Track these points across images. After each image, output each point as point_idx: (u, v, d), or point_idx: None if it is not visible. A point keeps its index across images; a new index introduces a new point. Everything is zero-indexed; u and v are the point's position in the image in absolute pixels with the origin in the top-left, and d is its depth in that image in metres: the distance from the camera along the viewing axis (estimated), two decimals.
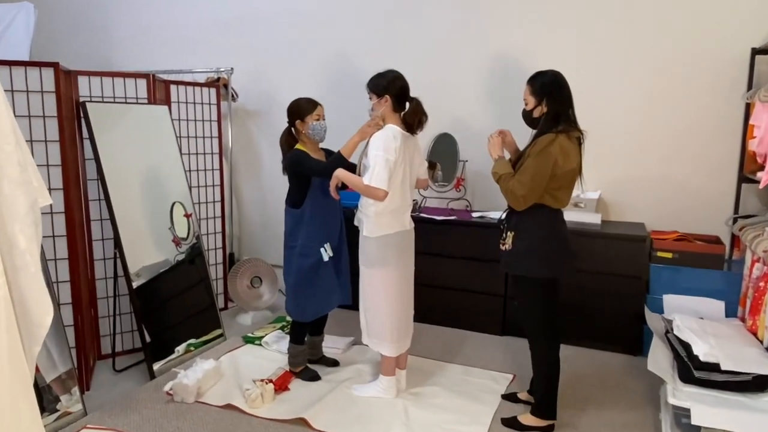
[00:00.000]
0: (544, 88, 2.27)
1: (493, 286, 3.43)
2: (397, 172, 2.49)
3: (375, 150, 2.43)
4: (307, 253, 2.68)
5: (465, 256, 3.47)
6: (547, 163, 2.21)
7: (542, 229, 2.31)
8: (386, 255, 2.55)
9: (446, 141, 3.75)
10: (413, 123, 2.53)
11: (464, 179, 3.69)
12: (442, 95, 3.82)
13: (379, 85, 2.53)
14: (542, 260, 2.30)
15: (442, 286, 3.56)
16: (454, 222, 3.48)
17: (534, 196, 2.25)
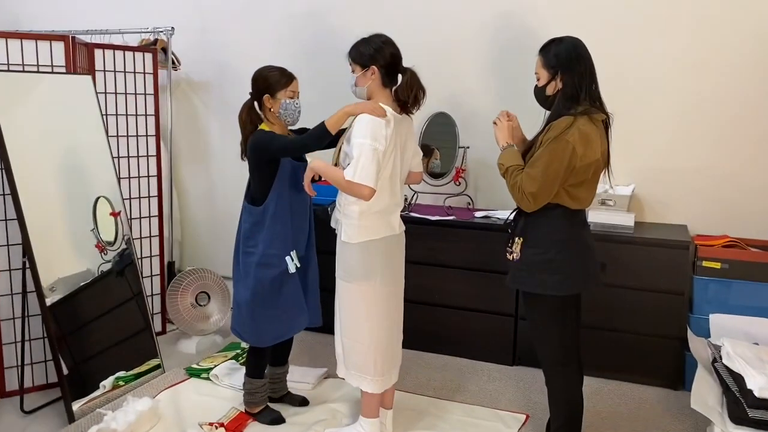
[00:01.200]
0: (559, 59, 2.25)
1: (502, 303, 3.45)
2: (386, 164, 2.50)
3: (361, 137, 2.42)
4: (268, 262, 2.68)
5: (466, 265, 3.49)
6: (563, 153, 2.18)
7: (557, 234, 2.30)
8: (370, 265, 2.56)
9: (442, 122, 3.77)
10: (407, 100, 2.54)
11: (465, 170, 3.71)
12: (437, 65, 3.83)
13: (363, 53, 2.53)
14: (557, 273, 2.29)
15: (438, 304, 3.58)
16: (452, 223, 3.49)
17: (546, 195, 2.24)
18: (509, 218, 2.48)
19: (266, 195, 2.67)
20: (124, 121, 3.74)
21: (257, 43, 4.24)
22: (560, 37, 2.30)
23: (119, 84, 3.71)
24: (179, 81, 4.43)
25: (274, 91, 2.68)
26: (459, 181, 3.70)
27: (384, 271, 2.59)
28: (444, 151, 3.76)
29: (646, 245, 3.16)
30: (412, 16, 3.87)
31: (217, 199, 4.49)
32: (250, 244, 2.70)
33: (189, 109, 4.49)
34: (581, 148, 2.19)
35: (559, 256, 2.29)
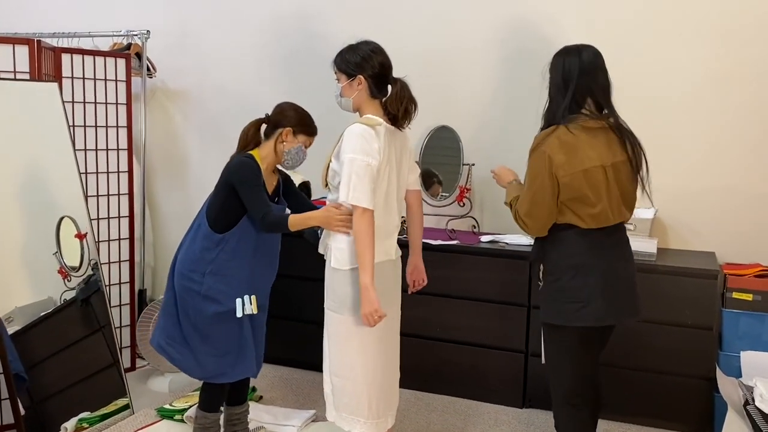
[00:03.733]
0: (551, 76, 2.37)
1: (511, 338, 3.45)
2: (379, 182, 2.51)
3: (350, 152, 2.43)
4: (214, 297, 2.68)
5: (471, 296, 3.49)
6: (541, 164, 2.25)
7: (570, 259, 2.32)
8: None
9: (445, 137, 3.80)
10: (397, 113, 2.57)
11: (469, 189, 3.73)
12: (439, 75, 3.87)
13: (349, 61, 2.56)
14: (572, 302, 2.31)
15: (439, 339, 3.56)
16: (455, 248, 3.50)
17: (541, 213, 2.30)
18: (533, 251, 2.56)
19: (230, 227, 2.69)
20: (93, 134, 3.75)
21: (240, 49, 4.28)
22: (567, 48, 2.39)
23: (89, 92, 3.73)
24: (155, 89, 4.45)
25: (299, 132, 2.78)
26: (463, 201, 3.71)
27: (378, 300, 2.56)
28: (447, 168, 3.78)
29: (669, 274, 3.17)
30: (411, 21, 3.91)
31: None
32: (195, 272, 2.68)
33: (165, 120, 4.51)
34: (561, 157, 2.24)
35: (573, 283, 2.31)
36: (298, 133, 2.78)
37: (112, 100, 3.81)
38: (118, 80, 3.83)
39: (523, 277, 3.35)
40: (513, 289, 3.38)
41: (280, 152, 2.77)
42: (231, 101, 4.33)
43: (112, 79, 3.81)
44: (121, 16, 4.45)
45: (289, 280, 3.28)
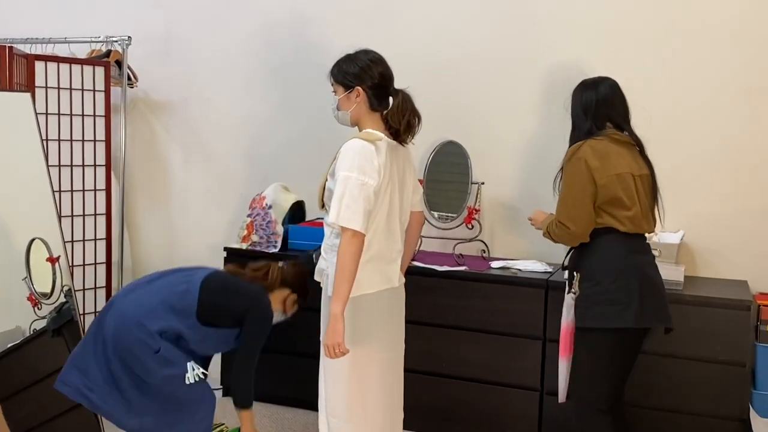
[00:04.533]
0: (570, 109, 2.79)
1: (525, 374, 3.43)
2: (380, 202, 2.53)
3: (346, 169, 2.46)
4: (171, 359, 2.72)
5: (481, 327, 3.48)
6: (578, 170, 2.62)
7: (610, 263, 2.64)
8: (362, 326, 2.57)
9: (452, 152, 3.80)
10: (398, 126, 2.60)
11: (478, 210, 3.73)
12: (445, 86, 3.89)
13: (347, 72, 2.59)
14: (615, 304, 2.59)
15: (446, 375, 3.55)
16: (463, 275, 3.50)
17: (582, 216, 2.64)
18: (565, 263, 2.83)
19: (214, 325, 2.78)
20: (68, 148, 3.76)
21: (229, 57, 4.29)
22: (585, 82, 2.80)
23: (64, 103, 3.74)
24: (136, 100, 4.45)
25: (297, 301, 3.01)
26: (471, 223, 3.71)
27: (380, 333, 2.61)
28: (454, 186, 3.79)
29: (698, 305, 3.15)
30: (415, 28, 3.93)
31: (179, 244, 4.48)
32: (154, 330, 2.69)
33: (147, 134, 4.51)
34: (595, 161, 2.62)
35: (614, 286, 2.61)
36: (296, 303, 3.01)
37: (89, 112, 3.82)
38: (96, 90, 3.84)
39: (538, 306, 3.35)
40: (527, 320, 3.37)
41: (284, 310, 2.99)
42: (218, 114, 4.34)
43: (90, 89, 3.82)
44: (100, 20, 4.44)
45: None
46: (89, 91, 3.82)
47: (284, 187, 3.94)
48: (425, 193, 3.70)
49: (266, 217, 3.79)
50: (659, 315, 2.69)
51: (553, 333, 3.17)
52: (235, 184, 4.33)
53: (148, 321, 2.69)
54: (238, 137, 4.32)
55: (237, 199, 4.27)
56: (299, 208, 3.94)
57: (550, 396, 3.36)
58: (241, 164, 4.33)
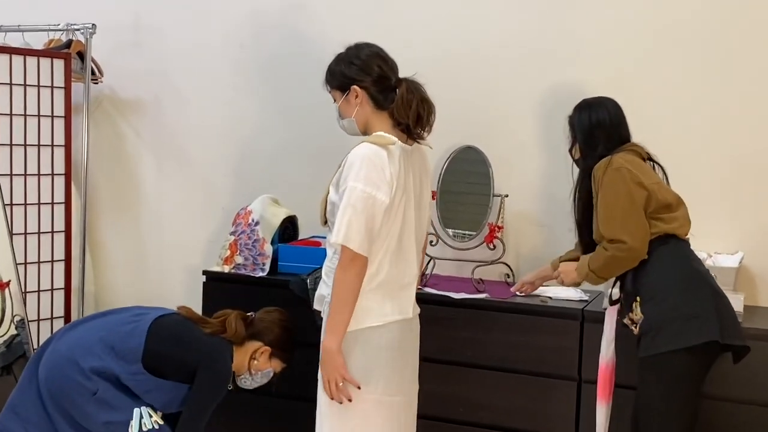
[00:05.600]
0: (576, 129, 3.00)
1: (557, 421, 3.39)
2: (393, 218, 2.53)
3: (352, 180, 2.48)
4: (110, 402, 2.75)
5: (505, 366, 3.44)
6: (620, 179, 2.74)
7: (673, 273, 2.73)
8: (369, 364, 2.59)
9: (471, 159, 3.80)
10: (407, 120, 2.61)
11: (501, 228, 3.71)
12: (463, 85, 3.88)
13: (339, 73, 2.65)
14: (692, 319, 2.64)
15: (464, 422, 3.51)
16: (483, 304, 3.47)
17: (638, 231, 2.72)
18: (611, 293, 2.93)
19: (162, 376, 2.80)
20: (21, 154, 3.75)
21: (210, 49, 4.29)
22: (587, 102, 3.00)
23: (16, 102, 3.75)
24: (101, 98, 4.46)
25: (276, 357, 3.00)
26: (493, 243, 3.69)
27: (389, 373, 2.61)
28: (472, 199, 3.77)
29: (760, 339, 3.09)
30: (426, 20, 3.92)
31: (150, 267, 4.48)
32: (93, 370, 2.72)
33: (113, 137, 4.51)
34: (635, 168, 2.76)
35: (684, 298, 2.69)
36: (274, 357, 3.01)
37: (46, 112, 3.83)
38: (55, 86, 3.85)
39: (572, 341, 3.30)
40: (559, 357, 3.33)
41: (249, 367, 2.98)
42: (197, 115, 4.35)
43: (47, 86, 3.83)
44: (60, 6, 4.44)
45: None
46: (46, 87, 3.83)
47: (274, 200, 3.93)
48: (438, 207, 3.69)
49: (252, 235, 3.76)
50: (737, 331, 2.73)
51: (590, 373, 3.16)
52: (217, 197, 4.32)
53: (80, 358, 2.73)
54: (221, 142, 4.32)
55: (218, 214, 4.27)
56: (291, 224, 3.92)
57: None
58: (223, 173, 4.33)
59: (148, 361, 2.76)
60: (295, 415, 3.57)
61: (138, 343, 2.76)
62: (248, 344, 2.96)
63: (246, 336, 2.95)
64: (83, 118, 4.17)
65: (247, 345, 2.96)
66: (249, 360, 2.95)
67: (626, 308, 2.82)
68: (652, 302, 2.70)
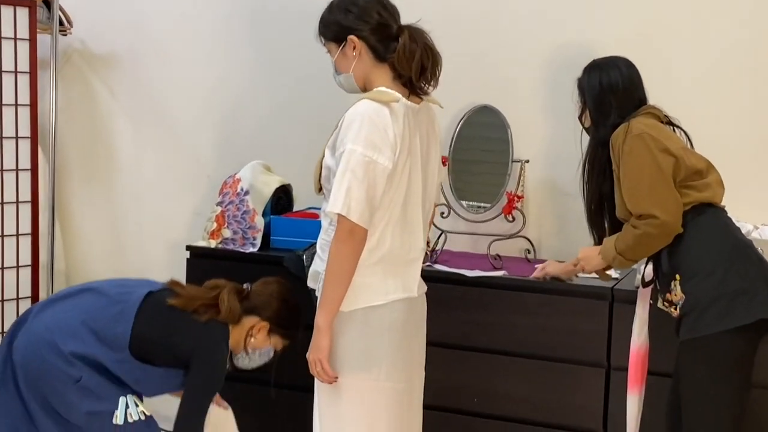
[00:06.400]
0: (586, 93, 2.98)
1: (583, 412, 3.40)
2: (396, 184, 2.53)
3: (350, 142, 2.48)
4: (94, 390, 2.76)
5: (524, 351, 3.45)
6: (644, 147, 2.71)
7: (715, 244, 2.71)
8: (370, 349, 2.61)
9: (487, 122, 3.79)
10: (409, 73, 2.60)
11: (522, 197, 3.70)
12: (478, 39, 3.86)
13: (333, 23, 2.66)
14: (741, 294, 2.61)
15: (478, 414, 3.52)
16: (501, 283, 3.47)
17: (670, 203, 2.68)
18: (644, 274, 2.92)
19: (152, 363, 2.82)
20: None
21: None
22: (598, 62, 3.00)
23: None
24: (70, 52, 4.45)
25: (275, 333, 3.00)
26: (512, 214, 3.68)
27: (392, 357, 2.62)
28: (488, 167, 3.77)
29: None
30: None
31: (128, 241, 4.49)
32: (75, 354, 2.72)
33: (85, 96, 4.51)
34: (658, 133, 2.75)
35: (733, 272, 2.64)
36: (274, 334, 2.99)
37: (8, 67, 3.83)
38: (18, 39, 3.84)
39: (600, 324, 3.30)
40: (585, 342, 3.33)
41: (245, 345, 2.98)
42: (179, 71, 4.35)
43: (9, 37, 3.82)
44: None
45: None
46: (8, 39, 3.82)
47: (265, 166, 3.93)
48: (450, 175, 3.67)
49: (242, 206, 3.77)
50: None
51: (621, 359, 3.17)
52: (202, 163, 4.33)
53: (61, 342, 2.73)
54: (206, 102, 4.32)
55: (204, 183, 4.29)
56: (285, 194, 3.92)
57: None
58: (208, 137, 4.34)
59: (136, 348, 2.77)
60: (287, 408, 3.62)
61: (124, 330, 2.76)
62: (244, 320, 2.95)
63: (241, 312, 2.94)
64: (51, 74, 4.18)
65: (243, 321, 2.95)
66: (245, 337, 2.95)
67: (663, 289, 2.79)
68: (694, 280, 2.67)
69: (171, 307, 2.86)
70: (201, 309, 2.88)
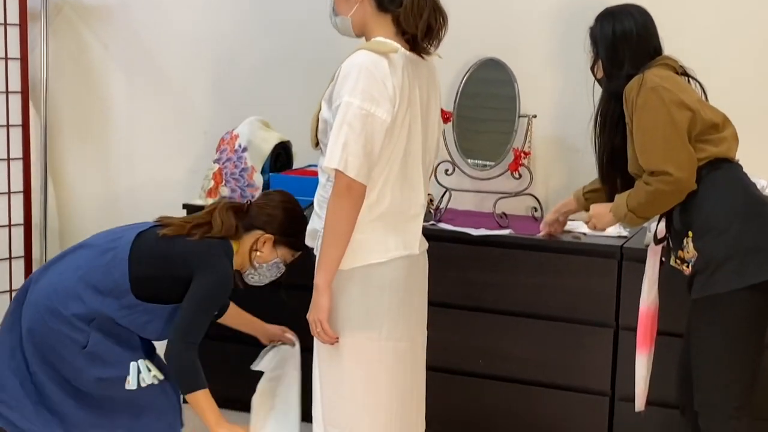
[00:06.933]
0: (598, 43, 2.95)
1: (591, 373, 3.42)
2: (396, 138, 2.54)
3: (347, 94, 2.48)
4: (102, 356, 2.77)
5: (530, 311, 3.46)
6: (658, 101, 2.69)
7: (731, 200, 2.71)
8: (371, 307, 2.61)
9: (492, 78, 3.78)
10: (415, 31, 2.58)
11: (528, 153, 3.69)
12: None
13: None
14: (756, 252, 2.63)
15: (483, 375, 3.55)
16: (507, 241, 3.48)
17: (684, 159, 2.68)
18: (656, 231, 2.92)
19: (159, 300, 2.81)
20: None
21: None
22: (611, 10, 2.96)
23: None
24: (61, 4, 4.42)
25: (281, 244, 2.96)
26: (519, 171, 3.67)
27: (393, 315, 2.62)
28: (493, 125, 3.76)
29: None
30: None
31: (122, 200, 4.49)
32: (78, 316, 2.73)
33: (76, 49, 4.49)
34: (672, 85, 2.73)
35: (748, 228, 2.66)
36: (280, 245, 2.95)
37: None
38: None
39: (609, 283, 3.32)
40: (594, 301, 3.35)
41: (251, 260, 2.96)
42: (174, 24, 4.33)
43: None
44: None
45: (258, 289, 3.28)
46: None
47: (264, 122, 3.92)
48: (454, 131, 3.66)
49: (240, 164, 3.77)
50: None
51: (629, 318, 3.18)
52: (198, 119, 4.33)
53: (62, 305, 2.73)
54: (201, 55, 4.32)
55: (200, 140, 4.28)
56: (284, 150, 3.92)
57: (623, 403, 3.35)
58: (205, 91, 4.33)
59: (139, 289, 2.75)
60: None
61: (122, 273, 2.75)
62: (247, 236, 2.94)
63: (243, 226, 2.93)
64: (41, 26, 4.16)
65: (246, 237, 2.93)
66: (250, 252, 2.93)
67: (675, 247, 2.80)
68: (707, 236, 2.67)
69: (163, 237, 2.85)
70: (193, 230, 2.86)
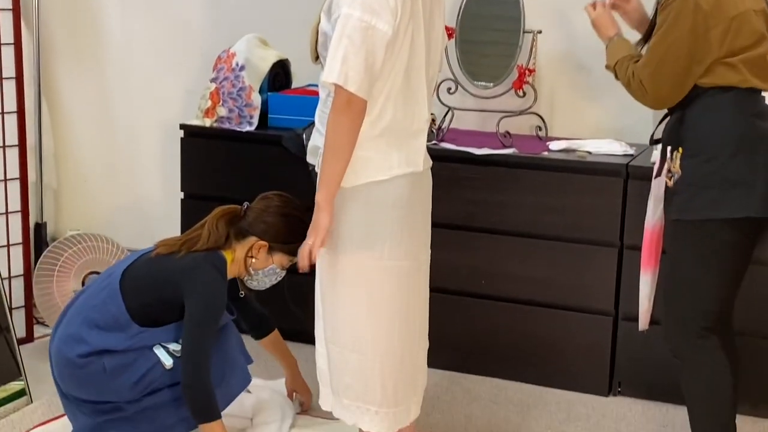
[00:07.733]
0: None
1: (594, 294, 3.45)
2: (398, 50, 2.49)
3: (347, 5, 2.42)
4: (126, 364, 2.84)
5: (533, 231, 3.49)
6: (684, 13, 2.56)
7: (726, 129, 2.61)
8: (373, 226, 2.59)
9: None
10: None
11: (533, 71, 3.68)
12: None
13: None
14: (735, 187, 2.57)
15: (486, 296, 3.58)
16: (510, 161, 3.49)
17: (665, 85, 2.63)
18: (653, 135, 2.87)
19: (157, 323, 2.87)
20: None
21: None
22: None
23: None
24: None
25: (276, 251, 2.96)
26: (523, 89, 3.67)
27: (396, 234, 2.60)
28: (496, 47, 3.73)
29: None
30: None
31: (119, 121, 4.48)
32: (73, 352, 2.81)
33: None
34: (712, 7, 2.55)
35: (735, 161, 2.59)
36: (276, 252, 2.96)
37: None
38: None
39: (614, 202, 3.35)
40: (598, 220, 3.38)
41: (247, 267, 2.98)
42: None
43: None
44: None
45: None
46: None
47: (261, 40, 3.91)
48: (458, 51, 3.66)
49: (237, 83, 3.77)
50: None
51: (634, 238, 3.21)
52: (194, 37, 4.30)
53: (70, 352, 2.82)
54: None
55: (197, 58, 4.26)
56: (283, 69, 3.91)
57: (627, 322, 3.39)
58: (201, 7, 4.29)
59: (140, 317, 2.82)
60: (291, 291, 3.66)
61: (117, 306, 2.81)
62: (242, 242, 2.96)
63: (235, 233, 2.96)
64: None
65: (242, 243, 2.96)
66: (245, 259, 2.97)
67: (663, 158, 2.77)
68: (695, 159, 2.64)
69: (156, 257, 2.90)
70: (183, 247, 2.89)
